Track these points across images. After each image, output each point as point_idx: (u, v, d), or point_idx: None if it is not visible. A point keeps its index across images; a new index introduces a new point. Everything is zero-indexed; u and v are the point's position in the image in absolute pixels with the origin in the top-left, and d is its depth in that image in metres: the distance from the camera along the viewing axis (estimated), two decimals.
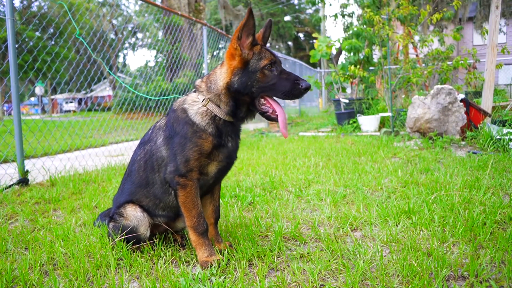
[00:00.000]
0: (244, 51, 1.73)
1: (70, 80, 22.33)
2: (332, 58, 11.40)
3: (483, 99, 6.37)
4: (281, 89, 1.72)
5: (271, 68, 1.73)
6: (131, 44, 34.64)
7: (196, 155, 1.74)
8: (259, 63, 1.72)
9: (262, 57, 1.74)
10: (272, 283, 1.60)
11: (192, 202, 1.78)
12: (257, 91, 1.73)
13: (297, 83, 1.71)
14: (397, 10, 8.56)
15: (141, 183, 1.95)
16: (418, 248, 1.85)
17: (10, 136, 4.01)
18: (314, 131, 8.95)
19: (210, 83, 1.83)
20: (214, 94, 1.79)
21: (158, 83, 13.80)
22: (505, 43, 9.10)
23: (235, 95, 1.75)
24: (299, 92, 1.72)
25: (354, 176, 3.55)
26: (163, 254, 1.93)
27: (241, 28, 1.71)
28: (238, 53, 1.73)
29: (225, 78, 1.76)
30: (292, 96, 1.73)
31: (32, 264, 1.85)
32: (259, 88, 1.72)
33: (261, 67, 1.72)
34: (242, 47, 1.73)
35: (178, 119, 1.82)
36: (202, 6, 17.70)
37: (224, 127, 1.80)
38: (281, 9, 39.16)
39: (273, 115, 1.75)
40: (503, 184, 2.99)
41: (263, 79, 1.72)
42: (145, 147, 1.96)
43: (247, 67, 1.72)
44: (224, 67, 1.79)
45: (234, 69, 1.73)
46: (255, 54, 1.74)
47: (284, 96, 1.73)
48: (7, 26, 3.66)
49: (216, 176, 1.88)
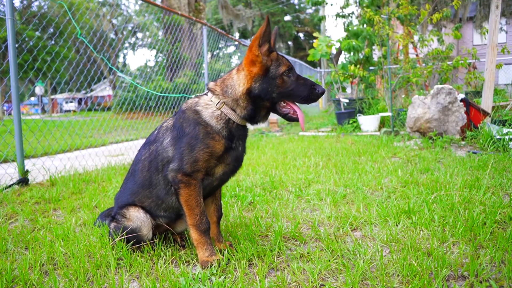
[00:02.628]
0: (264, 58, 1.76)
1: (70, 80, 22.33)
2: (332, 58, 11.39)
3: (483, 99, 6.37)
4: (300, 94, 1.79)
5: (289, 74, 1.79)
6: (131, 44, 34.64)
7: (206, 157, 1.75)
8: (278, 69, 1.77)
9: (280, 64, 1.78)
10: (272, 283, 1.60)
11: (195, 200, 1.78)
12: (277, 96, 1.79)
13: (313, 88, 1.80)
14: (397, 10, 8.56)
15: (144, 183, 1.94)
16: (418, 248, 1.85)
17: (10, 136, 4.01)
18: (314, 130, 8.95)
19: (227, 87, 1.84)
20: (232, 99, 1.81)
21: (158, 82, 13.80)
22: (505, 43, 9.10)
23: (255, 100, 1.79)
24: (316, 96, 1.80)
25: (354, 176, 3.55)
26: (163, 254, 1.93)
27: (261, 35, 1.74)
28: (259, 60, 1.76)
29: (245, 84, 1.78)
30: (310, 100, 1.81)
31: (32, 264, 1.85)
32: (279, 93, 1.78)
33: (280, 74, 1.77)
34: (262, 54, 1.76)
35: (188, 120, 1.82)
36: (202, 5, 17.69)
37: (237, 131, 1.83)
38: (281, 9, 39.12)
39: (294, 115, 1.82)
40: (503, 184, 2.99)
41: (282, 85, 1.77)
42: (150, 147, 1.96)
43: (267, 74, 1.76)
44: (242, 72, 1.81)
45: (255, 75, 1.77)
46: (273, 60, 1.78)
47: (303, 100, 1.81)
48: (7, 25, 3.66)
49: (221, 178, 1.89)
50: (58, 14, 20.33)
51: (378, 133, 7.52)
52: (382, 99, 8.84)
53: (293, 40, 43.58)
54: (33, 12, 26.84)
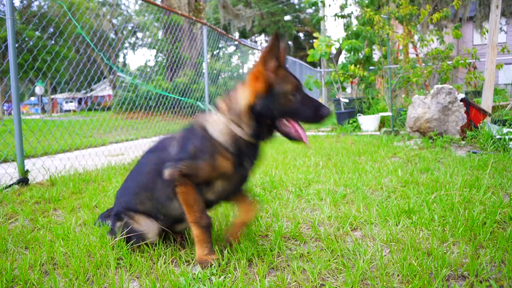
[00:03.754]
0: (269, 74, 1.70)
1: (70, 79, 22.33)
2: (332, 58, 11.39)
3: (483, 99, 6.37)
4: (304, 114, 1.71)
5: (294, 93, 1.71)
6: (131, 43, 34.63)
7: (210, 169, 1.74)
8: (284, 87, 1.70)
9: (287, 82, 1.71)
10: (272, 283, 1.60)
11: (193, 198, 1.77)
12: (279, 114, 1.71)
13: (318, 110, 1.71)
14: (397, 10, 8.56)
15: (147, 186, 1.93)
16: (418, 247, 1.84)
17: (10, 136, 4.01)
18: (314, 130, 8.95)
19: (232, 103, 1.78)
20: (236, 115, 1.76)
21: (158, 82, 13.79)
22: (505, 43, 9.10)
23: (257, 117, 1.72)
24: (321, 118, 1.72)
25: (354, 176, 3.55)
26: (163, 253, 1.93)
27: (268, 51, 1.68)
28: (263, 76, 1.69)
29: (247, 99, 1.72)
30: (313, 121, 1.74)
31: (32, 263, 1.85)
32: (281, 112, 1.71)
33: (285, 92, 1.69)
34: (268, 70, 1.70)
35: (196, 134, 1.80)
36: (202, 5, 17.69)
37: (246, 148, 1.78)
38: (281, 9, 39.10)
39: (294, 134, 1.74)
40: (503, 184, 2.99)
41: (286, 104, 1.70)
42: (157, 154, 1.94)
43: (271, 91, 1.69)
44: (246, 87, 1.75)
45: (258, 91, 1.70)
46: (279, 77, 1.71)
47: (306, 121, 1.73)
48: (7, 25, 3.65)
49: (219, 195, 1.87)
50: (58, 14, 20.32)
51: (378, 133, 7.52)
52: (382, 99, 8.85)
53: (293, 40, 43.55)
54: (33, 12, 26.83)
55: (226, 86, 12.94)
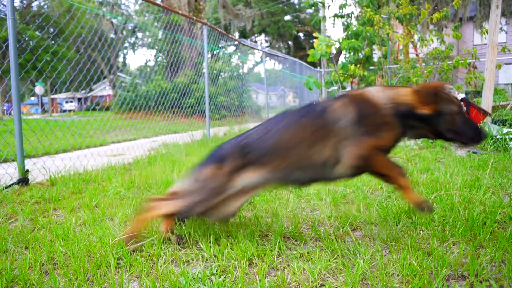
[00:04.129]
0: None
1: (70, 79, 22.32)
2: (332, 58, 11.39)
3: (483, 99, 6.37)
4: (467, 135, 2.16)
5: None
6: (131, 43, 34.65)
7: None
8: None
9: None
10: (272, 283, 1.60)
11: (387, 159, 2.04)
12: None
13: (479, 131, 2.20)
14: (397, 10, 8.56)
15: None
16: (418, 247, 1.85)
17: (11, 136, 4.01)
18: None
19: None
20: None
21: (157, 82, 13.79)
22: (505, 43, 9.10)
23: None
24: (480, 140, 2.24)
25: None
26: (163, 253, 1.93)
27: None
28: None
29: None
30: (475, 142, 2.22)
31: (32, 263, 1.85)
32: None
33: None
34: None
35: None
36: (202, 5, 17.68)
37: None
38: (281, 9, 39.09)
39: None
40: (503, 184, 2.99)
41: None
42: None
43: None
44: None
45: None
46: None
47: (469, 141, 2.18)
48: (8, 25, 3.65)
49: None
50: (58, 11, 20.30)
51: None
52: None
53: (293, 40, 43.57)
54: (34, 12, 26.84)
55: (226, 86, 12.93)
